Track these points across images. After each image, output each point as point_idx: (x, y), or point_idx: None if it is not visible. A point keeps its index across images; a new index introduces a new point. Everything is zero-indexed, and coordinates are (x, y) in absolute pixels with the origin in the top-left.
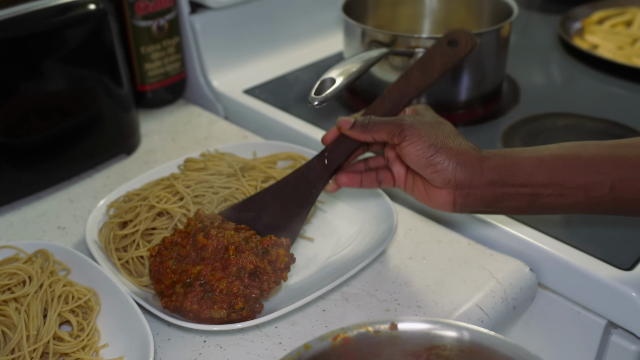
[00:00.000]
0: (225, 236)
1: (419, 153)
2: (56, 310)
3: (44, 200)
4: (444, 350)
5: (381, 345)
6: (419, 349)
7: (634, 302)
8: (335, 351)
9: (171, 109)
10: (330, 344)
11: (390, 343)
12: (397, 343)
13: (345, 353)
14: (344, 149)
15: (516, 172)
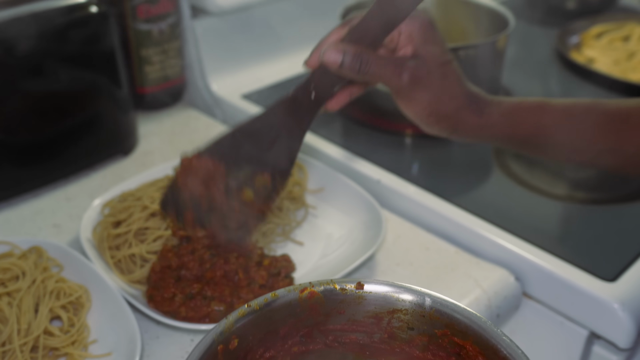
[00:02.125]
0: (230, 261)
1: (415, 111)
2: (47, 306)
3: (41, 198)
4: (405, 314)
5: (346, 303)
6: (382, 312)
7: (616, 314)
8: (301, 303)
9: (170, 111)
10: (297, 295)
11: (355, 302)
12: (361, 303)
13: (311, 306)
14: (332, 81)
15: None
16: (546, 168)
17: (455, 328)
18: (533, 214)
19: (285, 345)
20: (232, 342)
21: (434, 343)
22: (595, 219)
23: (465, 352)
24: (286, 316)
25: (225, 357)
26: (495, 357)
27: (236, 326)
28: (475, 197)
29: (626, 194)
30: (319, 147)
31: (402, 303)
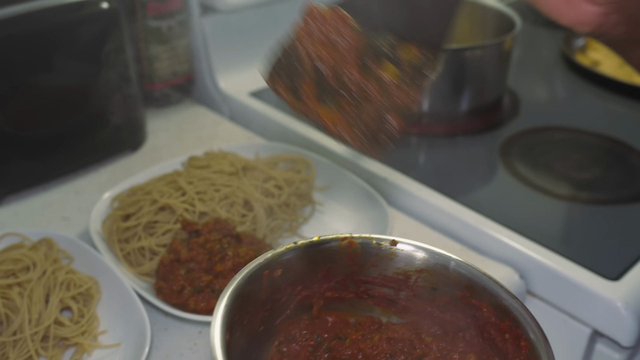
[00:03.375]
0: (240, 255)
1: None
2: (58, 296)
3: (50, 191)
4: (431, 274)
5: (379, 257)
6: (410, 270)
7: (619, 312)
8: (340, 250)
9: (178, 108)
10: (338, 243)
11: (387, 258)
12: (393, 259)
13: (348, 255)
14: None
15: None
16: (551, 168)
17: (473, 290)
18: (538, 213)
19: (320, 288)
20: (277, 271)
21: (453, 304)
22: (599, 219)
23: (481, 313)
24: (326, 260)
25: (269, 282)
26: (506, 317)
27: (281, 258)
28: (481, 196)
29: (630, 194)
30: (325, 144)
31: (429, 263)
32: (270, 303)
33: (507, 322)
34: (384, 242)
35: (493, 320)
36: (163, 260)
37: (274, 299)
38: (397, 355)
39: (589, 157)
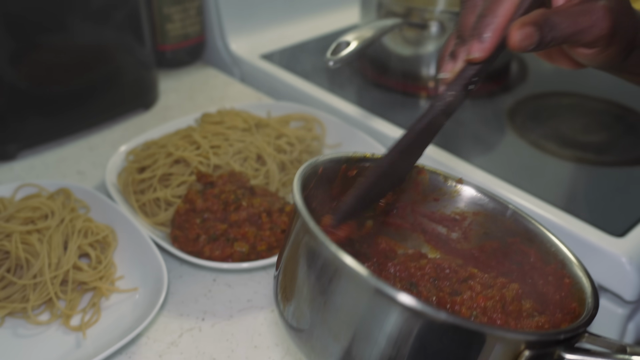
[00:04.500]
0: (254, 206)
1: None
2: (76, 243)
3: (65, 147)
4: (486, 218)
5: (442, 192)
6: (467, 211)
7: (624, 267)
8: (411, 178)
9: (189, 69)
10: (411, 170)
11: (449, 195)
12: (454, 198)
13: (416, 184)
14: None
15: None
16: (558, 131)
17: (524, 237)
18: (544, 174)
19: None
20: (352, 171)
21: (501, 251)
22: (605, 179)
23: (527, 259)
24: (394, 183)
25: (342, 179)
26: (552, 261)
27: (361, 161)
28: (489, 156)
29: (636, 157)
30: (336, 105)
31: (487, 207)
32: (336, 203)
33: (552, 265)
34: (451, 179)
35: (539, 265)
36: (179, 209)
37: (340, 199)
38: (442, 280)
39: (596, 121)
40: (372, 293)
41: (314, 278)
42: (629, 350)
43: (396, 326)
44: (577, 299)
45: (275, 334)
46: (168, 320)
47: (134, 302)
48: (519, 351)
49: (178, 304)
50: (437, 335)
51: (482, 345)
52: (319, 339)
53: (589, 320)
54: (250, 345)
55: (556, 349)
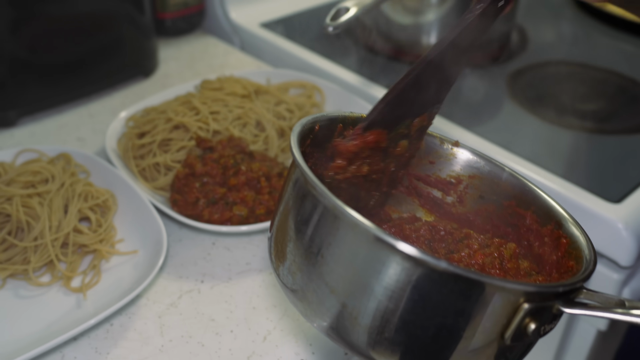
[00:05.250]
0: (253, 170)
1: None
2: (76, 206)
3: (65, 114)
4: (481, 181)
5: (439, 155)
6: (464, 175)
7: (620, 233)
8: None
9: (189, 38)
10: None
11: (445, 158)
12: (450, 161)
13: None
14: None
15: None
16: (558, 100)
17: (520, 199)
18: (543, 141)
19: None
20: (349, 130)
21: (497, 214)
22: (603, 147)
23: (523, 222)
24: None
25: (339, 137)
26: (548, 222)
27: (357, 121)
28: (488, 124)
29: (634, 125)
30: (336, 73)
31: (483, 170)
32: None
33: (549, 226)
34: (447, 141)
35: (535, 227)
36: (178, 174)
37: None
38: (437, 242)
39: (595, 90)
40: (371, 242)
41: (311, 231)
42: (628, 304)
43: (394, 277)
44: (575, 258)
45: (273, 295)
46: (167, 283)
47: (133, 264)
48: (518, 304)
49: (177, 267)
50: (437, 285)
51: (481, 297)
52: (315, 293)
53: (588, 275)
54: (249, 307)
55: (555, 303)
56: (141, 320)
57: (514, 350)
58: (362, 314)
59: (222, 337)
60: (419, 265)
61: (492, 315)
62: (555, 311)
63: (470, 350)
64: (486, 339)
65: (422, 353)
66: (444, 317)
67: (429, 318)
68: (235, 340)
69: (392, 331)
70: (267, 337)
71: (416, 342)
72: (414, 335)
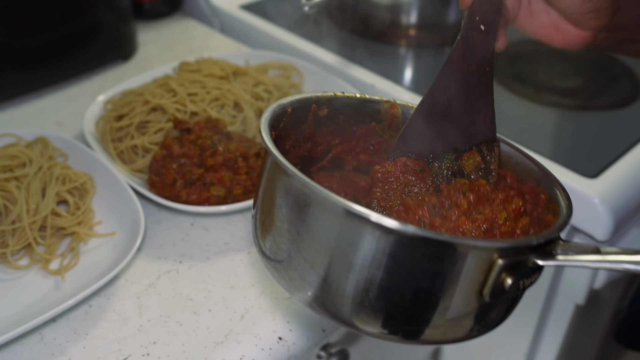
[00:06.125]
0: (230, 150)
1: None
2: (54, 189)
3: (43, 98)
4: None
5: None
6: None
7: (596, 208)
8: (383, 111)
9: (168, 21)
10: (381, 103)
11: None
12: None
13: (390, 116)
14: (493, 5)
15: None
16: (536, 77)
17: (500, 160)
18: (522, 119)
19: (357, 148)
20: (323, 110)
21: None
22: (580, 124)
23: (504, 182)
24: (368, 117)
25: (314, 119)
26: (528, 179)
27: (330, 101)
28: None
29: (611, 101)
30: (315, 54)
31: None
32: (311, 144)
33: (528, 184)
34: None
35: (515, 185)
36: (156, 155)
37: (314, 141)
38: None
39: (572, 67)
40: (341, 215)
41: (288, 210)
42: (603, 251)
43: (367, 246)
44: (552, 212)
45: (251, 274)
46: (146, 264)
47: (112, 246)
48: (492, 261)
49: (156, 248)
50: (409, 251)
51: (454, 258)
52: (296, 269)
53: (562, 226)
54: (227, 286)
55: (530, 257)
56: (120, 301)
57: (497, 307)
58: (342, 286)
59: (200, 316)
60: (389, 233)
61: (467, 274)
62: (531, 264)
63: (451, 311)
64: (465, 298)
65: (404, 317)
66: (420, 280)
67: (406, 283)
68: (213, 319)
69: (372, 299)
70: (245, 316)
71: (396, 307)
72: (393, 301)
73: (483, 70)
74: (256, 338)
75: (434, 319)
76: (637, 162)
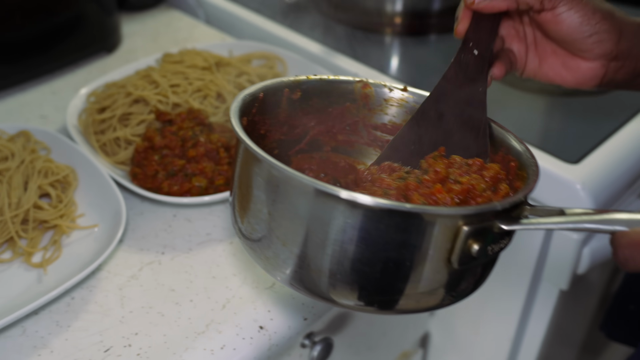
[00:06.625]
0: (212, 141)
1: (581, 19)
2: (36, 183)
3: (27, 92)
4: None
5: (391, 103)
6: None
7: (578, 193)
8: (356, 90)
9: (153, 12)
10: (354, 83)
11: (398, 105)
12: (403, 106)
13: (363, 95)
14: (487, 30)
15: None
16: None
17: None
18: (505, 105)
19: (333, 129)
20: (296, 93)
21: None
22: (563, 109)
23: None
24: (342, 98)
25: (288, 103)
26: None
27: (303, 84)
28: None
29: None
30: (300, 44)
31: None
32: (287, 127)
33: (500, 153)
34: (396, 88)
35: (489, 155)
36: (137, 147)
37: (290, 124)
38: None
39: None
40: (307, 192)
41: (260, 192)
42: (567, 212)
43: (335, 222)
44: (521, 178)
45: (233, 265)
46: (128, 255)
47: (94, 239)
48: (457, 228)
49: (139, 240)
50: (374, 222)
51: (419, 227)
52: (270, 249)
53: (527, 191)
54: (209, 276)
55: (494, 222)
56: (102, 292)
57: (468, 274)
58: (315, 261)
59: (181, 306)
60: (354, 207)
61: (434, 242)
62: (496, 230)
63: (422, 279)
64: (434, 266)
65: (376, 289)
66: (387, 251)
67: (375, 254)
68: (194, 309)
69: (345, 273)
70: (226, 305)
71: (368, 279)
72: (365, 273)
73: (476, 90)
74: (237, 327)
75: (406, 288)
76: (618, 148)
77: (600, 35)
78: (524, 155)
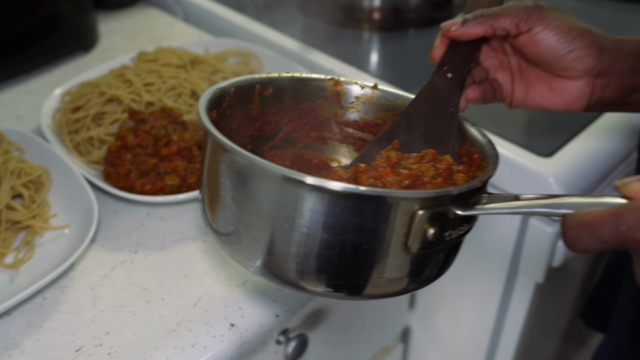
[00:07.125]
0: (185, 139)
1: (558, 37)
2: (9, 184)
3: (3, 92)
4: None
5: (361, 100)
6: (387, 115)
7: (551, 187)
8: (328, 88)
9: (131, 11)
10: (325, 80)
11: (369, 102)
12: (374, 103)
13: (335, 93)
14: (463, 55)
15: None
16: None
17: None
18: None
19: (306, 126)
20: (268, 90)
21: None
22: None
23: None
24: (314, 95)
25: (260, 99)
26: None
27: (275, 81)
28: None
29: None
30: (277, 40)
31: (404, 107)
32: (260, 123)
33: (465, 146)
34: (367, 86)
35: (455, 149)
36: (110, 147)
37: (263, 120)
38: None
39: None
40: (270, 178)
41: (228, 183)
42: (522, 197)
43: (293, 205)
44: (482, 169)
45: (205, 262)
46: (101, 255)
47: (67, 239)
48: (412, 212)
49: (112, 239)
50: (330, 206)
51: (374, 210)
52: (241, 241)
53: (485, 177)
54: (181, 275)
55: (450, 207)
56: (74, 292)
57: (430, 259)
58: (280, 249)
59: (153, 305)
60: (311, 191)
61: (390, 226)
62: (452, 215)
63: (382, 264)
64: (393, 250)
65: (338, 273)
66: (344, 234)
67: (333, 237)
68: (166, 307)
69: (308, 258)
70: (198, 304)
71: (329, 264)
72: (325, 257)
73: (447, 110)
74: (208, 325)
75: (368, 273)
76: (591, 141)
77: (579, 52)
78: (487, 147)
